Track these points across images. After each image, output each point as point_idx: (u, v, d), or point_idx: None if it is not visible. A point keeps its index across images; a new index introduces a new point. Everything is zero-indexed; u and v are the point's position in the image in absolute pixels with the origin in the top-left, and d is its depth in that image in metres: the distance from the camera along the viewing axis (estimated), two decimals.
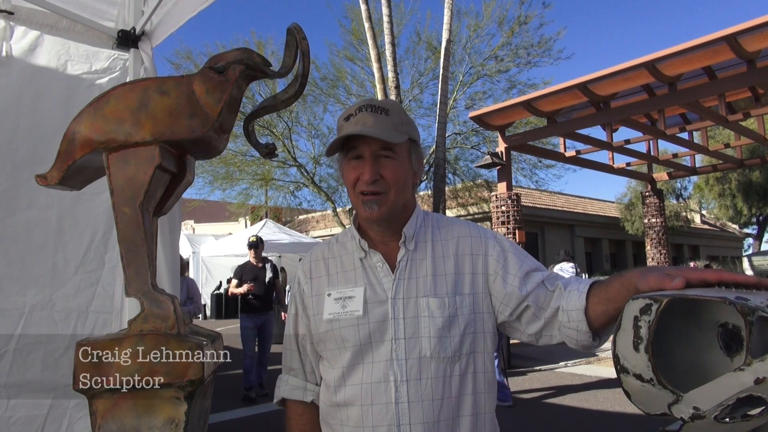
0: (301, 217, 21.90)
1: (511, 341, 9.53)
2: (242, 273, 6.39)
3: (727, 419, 0.69)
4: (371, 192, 1.13)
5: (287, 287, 9.31)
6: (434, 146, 9.83)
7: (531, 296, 1.14)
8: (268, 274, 6.41)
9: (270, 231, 14.37)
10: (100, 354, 1.14)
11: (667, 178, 13.05)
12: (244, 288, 6.20)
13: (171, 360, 1.14)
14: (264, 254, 6.94)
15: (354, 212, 1.26)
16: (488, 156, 9.37)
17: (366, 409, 1.10)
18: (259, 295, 6.24)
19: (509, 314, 1.16)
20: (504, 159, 9.41)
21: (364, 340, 1.12)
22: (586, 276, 14.35)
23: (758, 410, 0.67)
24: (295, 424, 1.25)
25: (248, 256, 6.73)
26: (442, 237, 1.23)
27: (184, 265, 6.86)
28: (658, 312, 0.77)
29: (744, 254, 24.81)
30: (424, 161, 1.13)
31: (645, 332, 0.78)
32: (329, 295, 1.19)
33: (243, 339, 6.20)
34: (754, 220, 24.05)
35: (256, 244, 6.55)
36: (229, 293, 6.55)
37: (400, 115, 1.17)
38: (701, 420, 0.71)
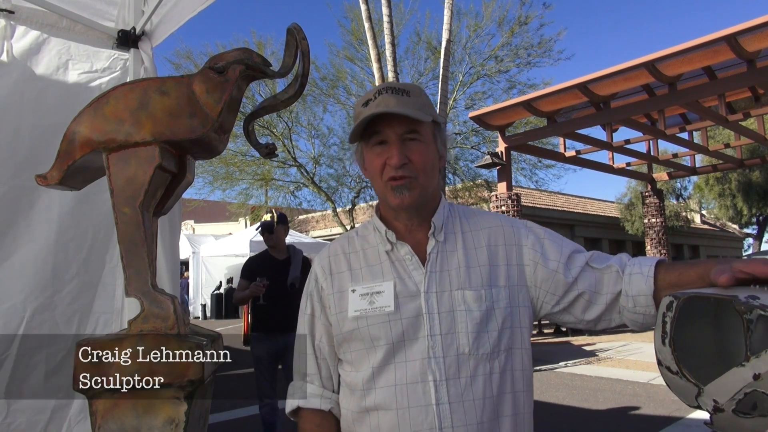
0: (301, 217, 21.89)
1: None
2: (252, 269, 3.98)
3: (746, 414, 0.72)
4: (400, 177, 1.06)
5: None
6: None
7: (580, 282, 1.08)
8: (293, 273, 3.87)
9: None
10: (100, 354, 1.14)
11: (667, 178, 13.06)
12: (251, 289, 3.84)
13: (171, 360, 1.14)
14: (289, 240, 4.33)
15: (376, 203, 1.21)
16: (488, 156, 9.37)
17: (402, 412, 1.01)
18: (279, 302, 3.78)
19: (556, 302, 1.10)
20: (504, 159, 9.41)
21: (397, 337, 1.05)
22: None
23: None
24: None
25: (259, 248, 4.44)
26: (472, 228, 1.16)
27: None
28: (677, 309, 0.81)
29: (744, 254, 24.82)
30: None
31: (669, 328, 0.82)
32: (353, 291, 1.11)
33: (256, 375, 3.89)
34: (754, 220, 24.05)
35: (271, 225, 3.94)
36: (234, 300, 4.23)
37: (422, 97, 1.12)
38: (722, 413, 0.75)
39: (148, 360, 1.14)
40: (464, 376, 1.02)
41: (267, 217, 4.06)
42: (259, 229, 4.05)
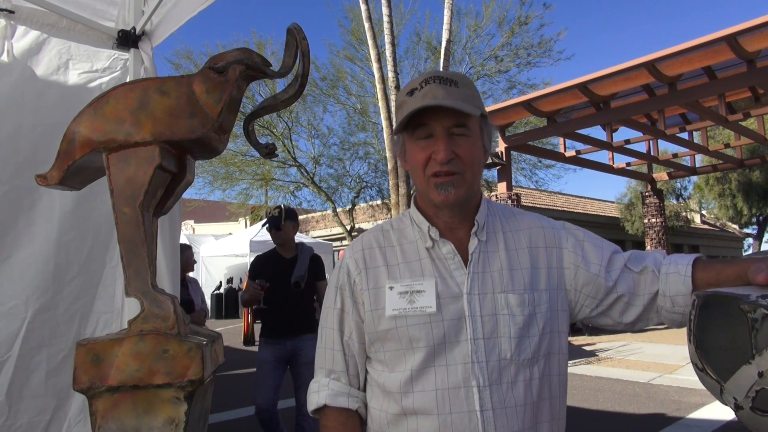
0: (301, 217, 21.87)
1: None
2: (257, 269, 3.75)
3: (764, 413, 0.74)
4: (446, 173, 1.02)
5: None
6: None
7: (620, 285, 1.06)
8: (297, 272, 3.59)
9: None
10: (101, 354, 1.14)
11: (667, 178, 13.06)
12: (249, 292, 3.62)
13: (171, 360, 1.14)
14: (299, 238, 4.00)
15: (414, 196, 1.16)
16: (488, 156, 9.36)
17: (444, 418, 0.97)
18: (284, 304, 3.55)
19: (595, 306, 1.08)
20: (504, 159, 9.42)
21: (438, 340, 1.00)
22: None
23: None
24: None
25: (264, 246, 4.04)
26: (512, 228, 1.12)
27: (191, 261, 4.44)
28: (697, 307, 0.83)
29: (744, 254, 24.79)
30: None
31: (693, 325, 0.84)
32: (391, 288, 1.06)
33: (256, 378, 3.56)
34: (754, 220, 24.03)
35: (279, 221, 3.63)
36: (240, 302, 3.98)
37: (470, 87, 1.06)
38: (743, 410, 0.76)
39: (148, 360, 1.14)
40: (505, 381, 0.99)
41: (275, 212, 3.75)
42: (266, 225, 3.80)
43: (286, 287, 3.55)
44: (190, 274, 4.36)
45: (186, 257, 4.16)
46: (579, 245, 1.10)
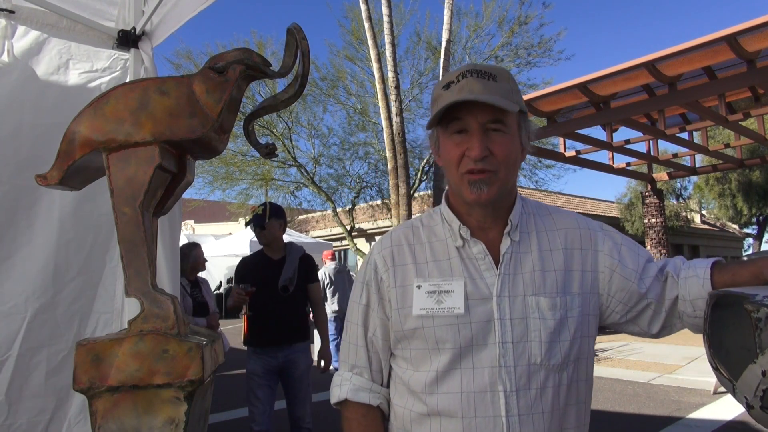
0: (301, 217, 21.89)
1: None
2: (242, 273, 3.41)
3: None
4: (480, 170, 0.98)
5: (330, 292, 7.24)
6: None
7: (650, 292, 1.03)
8: (285, 274, 3.27)
9: None
10: (101, 354, 1.14)
11: (667, 178, 13.05)
12: (232, 297, 3.27)
13: (171, 360, 1.14)
14: (288, 238, 3.85)
15: (445, 193, 1.13)
16: None
17: (468, 422, 0.96)
18: (272, 310, 3.21)
19: (626, 313, 1.05)
20: None
21: (465, 342, 0.98)
22: None
23: None
24: (357, 426, 1.09)
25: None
26: (547, 227, 1.09)
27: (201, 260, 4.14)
28: (708, 306, 0.83)
29: (744, 254, 24.81)
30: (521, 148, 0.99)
31: (706, 325, 0.84)
32: (419, 287, 1.03)
33: (247, 392, 3.25)
34: (754, 220, 24.04)
35: (262, 219, 3.31)
36: (228, 307, 3.41)
37: (509, 82, 1.02)
38: (754, 410, 0.76)
39: (148, 360, 1.14)
40: (534, 387, 0.97)
41: (259, 209, 3.39)
42: (250, 224, 3.40)
43: (274, 291, 3.23)
44: (200, 274, 4.15)
45: (195, 256, 4.05)
46: (616, 249, 1.07)
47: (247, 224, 3.45)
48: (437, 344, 1.00)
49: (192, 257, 4.01)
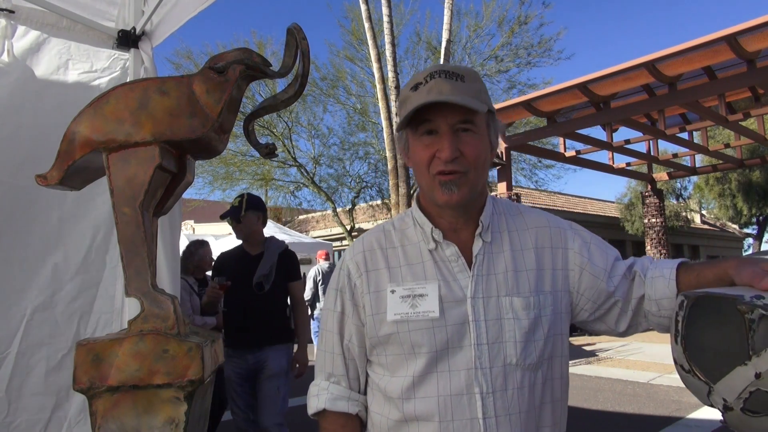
0: (301, 217, 21.89)
1: None
2: (219, 268, 3.31)
3: (755, 414, 0.73)
4: (450, 171, 0.98)
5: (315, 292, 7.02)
6: None
7: (618, 291, 1.04)
8: (260, 270, 3.04)
9: (270, 231, 14.35)
10: (101, 354, 1.14)
11: (667, 178, 13.05)
12: (207, 292, 3.21)
13: (171, 360, 1.14)
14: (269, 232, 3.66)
15: (416, 196, 1.13)
16: None
17: (446, 425, 0.95)
18: (245, 308, 3.03)
19: (594, 311, 1.06)
20: (504, 159, 9.41)
21: (441, 345, 0.98)
22: None
23: None
24: None
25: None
26: (518, 227, 1.09)
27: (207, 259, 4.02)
28: (687, 307, 0.82)
29: (744, 254, 24.80)
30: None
31: (681, 326, 0.83)
32: (393, 292, 1.02)
33: (228, 398, 3.15)
34: (754, 220, 24.03)
35: (238, 212, 3.10)
36: (202, 303, 3.37)
37: (477, 82, 1.01)
38: (732, 412, 0.76)
39: (148, 360, 1.14)
40: (511, 387, 0.97)
41: (235, 201, 3.16)
42: (226, 217, 3.14)
43: (249, 289, 3.02)
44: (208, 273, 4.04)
45: (201, 254, 3.99)
46: (585, 247, 1.08)
47: (222, 217, 3.17)
48: (413, 349, 0.99)
49: (198, 255, 4.00)
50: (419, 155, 1.01)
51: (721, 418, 0.78)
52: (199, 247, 4.06)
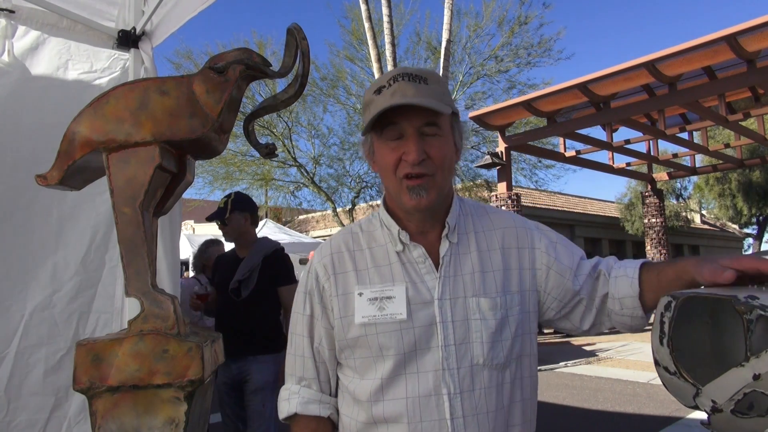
0: (301, 217, 21.90)
1: None
2: (213, 271, 3.27)
3: (744, 414, 0.72)
4: (417, 174, 0.98)
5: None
6: None
7: (583, 289, 1.06)
8: (238, 275, 2.87)
9: (270, 231, 14.36)
10: (101, 354, 1.14)
11: (667, 178, 13.06)
12: (189, 302, 3.14)
13: (171, 360, 1.14)
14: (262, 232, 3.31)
15: (383, 198, 1.13)
16: (488, 156, 9.37)
17: (414, 426, 0.96)
18: (226, 315, 2.91)
19: (560, 309, 1.07)
20: (504, 159, 9.41)
21: (409, 347, 0.98)
22: None
23: None
24: None
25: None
26: (485, 228, 1.09)
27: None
28: (676, 308, 0.81)
29: (744, 254, 24.77)
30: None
31: (667, 328, 0.81)
32: (360, 294, 1.02)
33: (218, 404, 2.96)
34: (754, 220, 24.03)
35: (223, 214, 2.92)
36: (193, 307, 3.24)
37: (440, 85, 1.02)
38: (720, 414, 0.74)
39: (148, 360, 1.14)
40: (478, 388, 0.97)
41: (221, 202, 2.97)
42: (212, 220, 2.99)
43: (227, 295, 2.85)
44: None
45: (210, 253, 3.89)
46: (552, 246, 1.09)
47: (208, 219, 3.01)
48: (381, 351, 0.99)
49: (207, 254, 3.97)
50: (385, 159, 1.01)
51: (706, 420, 0.77)
52: (209, 246, 4.03)
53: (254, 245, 2.98)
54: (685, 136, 10.39)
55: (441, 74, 10.00)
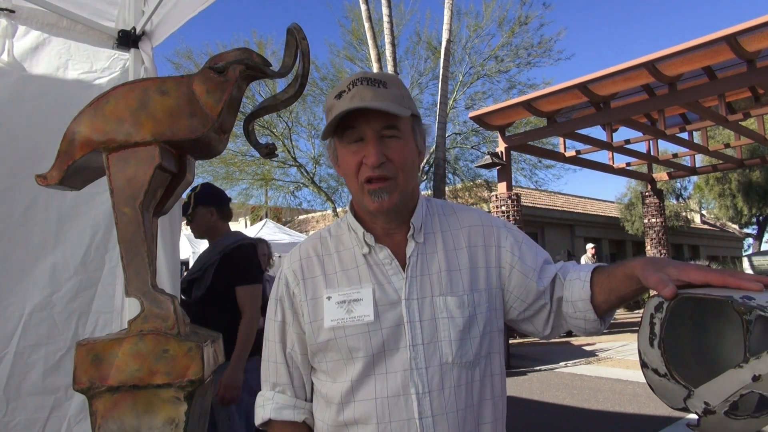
0: (301, 217, 21.90)
1: (510, 341, 9.50)
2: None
3: (737, 416, 0.71)
4: (378, 177, 0.99)
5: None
6: (434, 146, 9.85)
7: (547, 292, 1.07)
8: (188, 273, 2.79)
9: (270, 231, 14.36)
10: (100, 354, 1.14)
11: (667, 178, 13.05)
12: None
13: (171, 360, 1.14)
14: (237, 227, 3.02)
15: (350, 201, 1.14)
16: (488, 156, 9.37)
17: (384, 427, 0.97)
18: (201, 316, 2.23)
19: (523, 310, 1.08)
20: (504, 159, 9.41)
21: (377, 348, 0.99)
22: None
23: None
24: None
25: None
26: (452, 227, 1.10)
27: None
28: (668, 310, 0.80)
29: (744, 254, 24.81)
30: (428, 147, 1.04)
31: (658, 329, 0.81)
32: (329, 298, 1.04)
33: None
34: (754, 220, 24.04)
35: (187, 209, 2.75)
36: None
37: (399, 88, 1.04)
38: (713, 415, 0.74)
39: (148, 360, 1.14)
40: (447, 386, 0.98)
41: (190, 192, 2.75)
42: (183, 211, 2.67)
43: (189, 289, 2.62)
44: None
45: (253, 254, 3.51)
46: (517, 246, 1.10)
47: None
48: (350, 353, 1.00)
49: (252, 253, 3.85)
50: (347, 163, 1.03)
51: (694, 422, 0.76)
52: (253, 245, 3.90)
53: (217, 240, 2.74)
54: (685, 136, 10.38)
55: (441, 74, 10.00)
